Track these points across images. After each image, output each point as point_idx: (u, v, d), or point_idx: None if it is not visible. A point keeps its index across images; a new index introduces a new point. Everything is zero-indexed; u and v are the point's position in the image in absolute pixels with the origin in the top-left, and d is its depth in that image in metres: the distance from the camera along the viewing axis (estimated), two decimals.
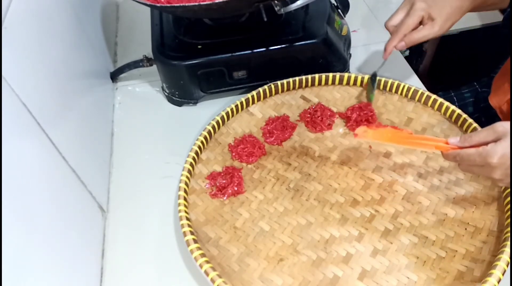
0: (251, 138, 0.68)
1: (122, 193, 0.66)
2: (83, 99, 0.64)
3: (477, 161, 0.50)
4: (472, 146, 0.51)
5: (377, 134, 0.61)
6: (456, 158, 0.53)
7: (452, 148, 0.54)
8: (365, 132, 0.60)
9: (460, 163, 0.53)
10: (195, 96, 0.76)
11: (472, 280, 0.52)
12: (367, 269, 0.55)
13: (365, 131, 0.60)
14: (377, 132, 0.61)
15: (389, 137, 0.60)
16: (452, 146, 0.54)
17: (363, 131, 0.60)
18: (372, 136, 0.60)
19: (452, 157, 0.54)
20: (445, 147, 0.54)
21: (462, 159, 0.52)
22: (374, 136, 0.61)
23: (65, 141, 0.53)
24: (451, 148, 0.54)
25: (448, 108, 0.68)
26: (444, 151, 0.55)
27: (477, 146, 0.51)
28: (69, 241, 0.50)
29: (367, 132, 0.60)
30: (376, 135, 0.60)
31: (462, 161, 0.52)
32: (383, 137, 0.60)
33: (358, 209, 0.60)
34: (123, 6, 0.99)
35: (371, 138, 0.60)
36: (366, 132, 0.60)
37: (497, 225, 0.57)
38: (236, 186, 0.62)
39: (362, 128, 0.61)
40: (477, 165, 0.51)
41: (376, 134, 0.60)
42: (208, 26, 0.75)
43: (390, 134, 0.60)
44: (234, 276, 0.54)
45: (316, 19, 0.74)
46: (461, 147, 0.53)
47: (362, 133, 0.60)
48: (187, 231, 0.55)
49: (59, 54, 0.58)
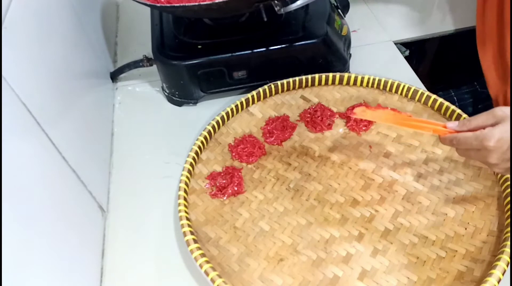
0: (251, 138, 0.68)
1: (122, 193, 0.66)
2: (83, 99, 0.64)
3: (474, 145, 0.49)
4: (470, 130, 0.50)
5: (375, 114, 0.59)
6: (453, 142, 0.52)
7: (450, 132, 0.53)
8: (363, 112, 0.59)
9: (457, 147, 0.53)
10: (195, 96, 0.76)
11: (472, 280, 0.52)
12: (367, 269, 0.55)
13: (363, 110, 0.59)
14: (375, 112, 0.59)
15: (387, 117, 0.59)
16: (450, 130, 0.53)
17: (361, 110, 0.59)
18: (370, 116, 0.59)
19: (449, 141, 0.53)
20: (443, 131, 0.54)
21: (459, 143, 0.51)
22: (372, 116, 0.60)
23: (65, 141, 0.53)
24: (449, 132, 0.53)
25: (448, 108, 0.68)
26: (441, 135, 0.54)
27: (475, 130, 0.50)
28: (69, 241, 0.50)
29: (366, 112, 0.59)
30: (374, 115, 0.59)
31: (459, 145, 0.52)
32: (381, 117, 0.59)
33: (358, 209, 0.60)
34: (123, 6, 0.99)
35: (369, 117, 0.59)
36: (364, 111, 0.59)
37: (497, 225, 0.57)
38: (236, 186, 0.62)
39: (361, 108, 0.59)
40: (474, 149, 0.50)
41: (374, 114, 0.59)
42: (208, 26, 0.75)
43: (389, 115, 0.59)
44: (234, 276, 0.54)
45: (316, 19, 0.74)
46: (458, 131, 0.52)
47: (360, 113, 0.59)
48: (187, 231, 0.55)
49: (59, 54, 0.58)
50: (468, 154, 0.52)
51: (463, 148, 0.52)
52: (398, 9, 0.95)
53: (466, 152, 0.52)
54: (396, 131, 0.68)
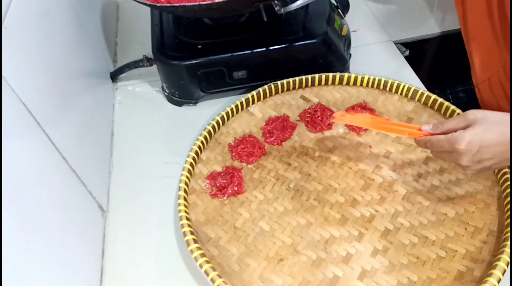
0: (251, 138, 0.68)
1: (122, 193, 0.66)
2: (83, 99, 0.64)
3: (445, 147, 0.51)
4: (443, 133, 0.52)
5: (354, 118, 0.62)
6: (426, 144, 0.54)
7: (425, 134, 0.54)
8: (342, 116, 0.62)
9: (431, 150, 0.54)
10: (195, 96, 0.76)
11: (472, 280, 0.52)
12: (367, 269, 0.55)
13: (342, 115, 0.62)
14: (354, 116, 0.62)
15: (365, 121, 0.61)
16: (424, 133, 0.54)
17: (340, 115, 0.62)
18: (348, 119, 0.62)
19: (423, 143, 0.54)
20: (418, 133, 0.55)
21: (432, 145, 0.53)
22: (350, 120, 0.62)
23: (65, 141, 0.53)
24: (424, 134, 0.54)
25: (448, 108, 0.68)
26: (417, 137, 0.55)
27: (448, 133, 0.51)
28: (69, 241, 0.50)
29: (345, 116, 0.62)
30: (352, 119, 0.62)
31: (433, 147, 0.53)
32: (359, 121, 0.61)
33: (358, 209, 0.60)
34: (123, 6, 0.99)
35: (348, 121, 0.62)
36: (343, 116, 0.62)
37: (497, 225, 0.57)
38: (236, 186, 0.62)
39: (340, 112, 0.63)
40: (446, 151, 0.51)
41: (352, 118, 0.62)
42: (208, 26, 0.75)
43: (366, 119, 0.62)
44: (234, 276, 0.54)
45: (316, 19, 0.74)
46: (432, 134, 0.53)
47: (340, 117, 0.62)
48: (187, 231, 0.55)
49: (59, 54, 0.58)
50: (442, 156, 0.54)
51: (436, 150, 0.53)
52: (398, 9, 0.95)
53: (439, 154, 0.54)
54: None
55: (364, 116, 0.63)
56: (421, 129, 0.55)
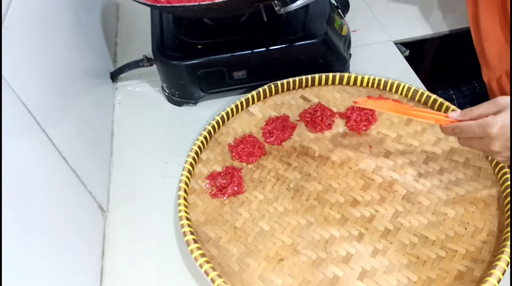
0: (251, 138, 0.68)
1: (122, 193, 0.66)
2: (83, 99, 0.64)
3: (476, 133, 0.49)
4: (472, 119, 0.50)
5: (377, 103, 0.60)
6: (455, 131, 0.52)
7: (452, 121, 0.53)
8: (365, 101, 0.60)
9: (459, 136, 0.52)
10: (195, 96, 0.76)
11: (472, 280, 0.52)
12: (367, 269, 0.55)
13: (365, 100, 0.60)
14: (377, 102, 0.60)
15: (388, 107, 0.59)
16: (451, 120, 0.53)
17: (363, 100, 0.60)
18: (371, 105, 0.60)
19: (451, 130, 0.53)
20: (445, 120, 0.53)
21: (461, 132, 0.51)
22: (374, 105, 0.60)
23: (65, 141, 0.53)
24: (451, 121, 0.53)
25: (448, 108, 0.68)
26: (443, 124, 0.54)
27: (477, 119, 0.50)
28: (69, 241, 0.50)
29: (367, 101, 0.60)
30: (375, 105, 0.60)
31: (461, 134, 0.51)
32: (383, 106, 0.59)
33: (358, 209, 0.60)
34: (123, 6, 0.99)
35: (371, 106, 0.60)
36: (366, 101, 0.60)
37: (497, 225, 0.57)
38: (236, 186, 0.62)
39: (363, 98, 0.60)
40: (476, 137, 0.50)
41: (376, 104, 0.60)
42: (208, 26, 0.75)
43: (390, 104, 0.60)
44: (234, 276, 0.54)
45: (316, 19, 0.74)
46: (461, 121, 0.52)
47: (363, 102, 0.60)
48: (187, 231, 0.55)
49: (59, 54, 0.58)
50: (471, 143, 0.52)
51: (465, 136, 0.52)
52: (398, 9, 0.95)
53: (468, 141, 0.52)
54: (396, 131, 0.68)
55: (387, 102, 0.60)
56: (447, 116, 0.53)
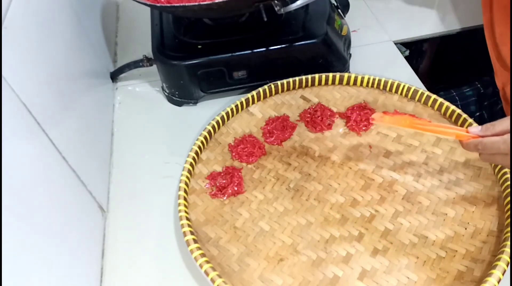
0: (251, 138, 0.68)
1: (122, 193, 0.66)
2: (83, 99, 0.64)
3: (501, 149, 0.48)
4: (494, 135, 0.49)
5: (395, 119, 0.59)
6: (478, 147, 0.51)
7: (473, 137, 0.52)
8: (382, 117, 0.58)
9: (482, 152, 0.51)
10: (195, 96, 0.76)
11: (472, 280, 0.52)
12: (367, 269, 0.55)
13: (382, 116, 0.59)
14: (394, 118, 0.59)
15: (406, 123, 0.58)
16: (472, 135, 0.52)
17: (380, 116, 0.59)
18: (389, 121, 0.59)
19: (473, 146, 0.52)
20: (465, 136, 0.52)
21: (485, 148, 0.50)
22: (391, 121, 0.59)
23: (65, 141, 0.53)
24: (472, 137, 0.52)
25: (448, 108, 0.68)
26: (464, 140, 0.53)
27: (500, 134, 0.49)
28: (69, 241, 0.50)
29: (384, 117, 0.58)
30: (393, 121, 0.59)
31: (485, 150, 0.50)
32: (400, 122, 0.58)
33: (358, 209, 0.60)
34: (123, 6, 0.99)
35: (388, 122, 0.59)
36: (383, 117, 0.59)
37: (497, 225, 0.57)
38: (236, 186, 0.62)
39: (379, 114, 0.59)
40: (501, 154, 0.49)
41: (393, 120, 0.59)
42: (208, 26, 0.75)
43: (409, 120, 0.58)
44: (234, 276, 0.54)
45: (316, 19, 0.74)
46: (482, 136, 0.51)
47: (379, 118, 0.59)
48: (187, 231, 0.55)
49: (59, 54, 0.58)
50: (494, 159, 0.51)
51: (488, 153, 0.50)
52: (398, 9, 0.95)
53: (492, 157, 0.51)
54: (396, 131, 0.68)
55: (405, 118, 0.59)
56: (468, 131, 0.52)
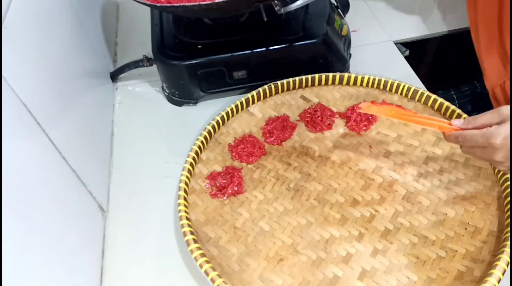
0: (251, 138, 0.68)
1: (122, 193, 0.66)
2: (83, 99, 0.64)
3: (479, 142, 0.49)
4: (475, 128, 0.51)
5: (381, 109, 0.61)
6: (458, 139, 0.52)
7: (455, 129, 0.53)
8: (369, 107, 0.60)
9: (462, 145, 0.53)
10: (195, 96, 0.76)
11: (472, 280, 0.52)
12: (367, 269, 0.55)
13: (369, 106, 0.60)
14: (381, 108, 0.61)
15: (391, 113, 0.59)
16: (455, 128, 0.53)
17: (367, 106, 0.60)
18: (375, 110, 0.60)
19: (454, 138, 0.53)
20: (448, 128, 0.54)
21: (464, 140, 0.51)
22: (378, 111, 0.61)
23: (65, 141, 0.53)
24: (454, 129, 0.53)
25: (448, 108, 0.68)
26: (446, 132, 0.54)
27: (480, 128, 0.50)
28: (69, 241, 0.50)
29: (371, 107, 0.60)
30: (379, 110, 0.60)
31: (465, 142, 0.52)
32: (386, 112, 0.60)
33: (358, 209, 0.60)
34: (123, 6, 0.99)
35: (375, 112, 0.60)
36: (370, 107, 0.60)
37: (497, 225, 0.57)
38: (236, 186, 0.62)
39: (366, 103, 0.61)
40: (479, 147, 0.50)
41: (379, 109, 0.60)
42: (208, 26, 0.75)
43: (394, 111, 0.60)
44: (234, 276, 0.54)
45: (316, 19, 0.74)
46: (464, 129, 0.52)
47: (366, 108, 0.60)
48: (187, 231, 0.55)
49: (59, 54, 0.58)
50: (473, 152, 0.52)
51: (468, 145, 0.52)
52: (398, 9, 0.95)
53: (471, 150, 0.52)
54: (396, 131, 0.68)
55: (391, 108, 0.61)
56: (451, 123, 0.53)
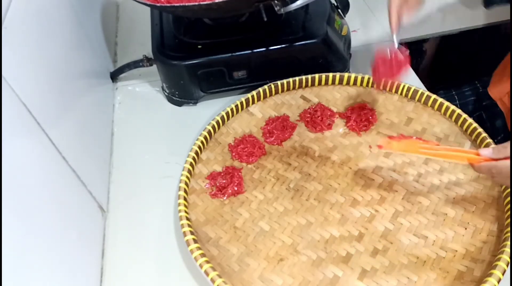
0: (251, 138, 0.68)
1: (122, 193, 0.66)
2: (83, 99, 0.64)
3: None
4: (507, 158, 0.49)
5: (402, 145, 0.58)
6: (492, 171, 0.50)
7: (485, 160, 0.51)
8: (389, 144, 0.58)
9: (496, 176, 0.50)
10: (195, 96, 0.76)
11: (472, 280, 0.52)
12: (367, 269, 0.55)
13: (389, 142, 0.58)
14: (401, 143, 0.58)
15: (414, 148, 0.57)
16: (485, 158, 0.51)
17: (387, 142, 0.58)
18: (397, 147, 0.58)
19: (487, 170, 0.50)
20: (477, 159, 0.52)
21: (500, 172, 0.49)
22: (399, 148, 0.58)
23: (65, 141, 0.53)
24: (484, 159, 0.51)
25: (448, 108, 0.68)
26: (475, 163, 0.52)
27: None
28: (69, 241, 0.50)
29: (392, 143, 0.58)
30: (401, 147, 0.58)
31: (500, 174, 0.49)
32: (408, 148, 0.58)
33: (358, 209, 0.60)
34: (123, 6, 0.99)
35: (396, 149, 0.58)
36: (390, 144, 0.58)
37: (497, 225, 0.57)
38: (236, 186, 0.62)
39: (385, 140, 0.58)
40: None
41: (401, 145, 0.58)
42: (208, 26, 0.75)
43: (416, 145, 0.58)
44: (234, 276, 0.54)
45: (316, 19, 0.74)
46: (495, 159, 0.50)
47: (387, 145, 0.58)
48: (187, 231, 0.55)
49: (59, 54, 0.58)
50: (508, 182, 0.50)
51: (504, 176, 0.49)
52: None
53: (506, 180, 0.50)
54: (396, 131, 0.68)
55: (413, 142, 0.59)
56: (479, 153, 0.51)
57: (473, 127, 0.65)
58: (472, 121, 0.65)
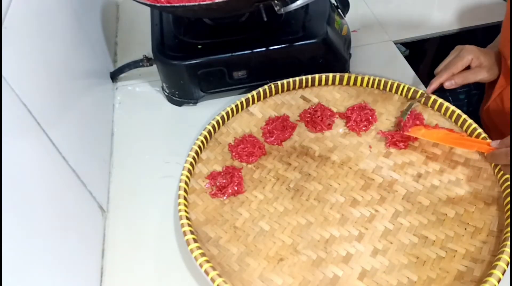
0: (251, 138, 0.68)
1: (122, 193, 0.66)
2: (83, 99, 0.64)
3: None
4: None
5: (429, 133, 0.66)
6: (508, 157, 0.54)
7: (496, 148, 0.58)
8: (418, 130, 0.66)
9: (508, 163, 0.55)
10: (195, 96, 0.76)
11: (472, 280, 0.52)
12: (367, 269, 0.55)
13: (419, 129, 0.66)
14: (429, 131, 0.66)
15: (439, 136, 0.65)
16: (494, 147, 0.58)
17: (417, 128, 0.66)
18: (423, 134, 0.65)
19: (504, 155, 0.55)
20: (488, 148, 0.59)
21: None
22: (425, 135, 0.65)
23: (65, 141, 0.53)
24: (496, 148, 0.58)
25: (448, 108, 0.68)
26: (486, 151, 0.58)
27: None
28: (69, 241, 0.50)
29: (421, 130, 0.66)
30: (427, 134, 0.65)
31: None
32: (433, 136, 0.65)
33: (358, 209, 0.60)
34: (123, 6, 0.99)
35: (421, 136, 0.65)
36: (419, 130, 0.66)
37: (497, 225, 0.57)
38: (236, 186, 0.62)
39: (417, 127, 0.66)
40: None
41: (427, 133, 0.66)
42: (208, 26, 0.75)
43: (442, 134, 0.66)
44: (234, 275, 0.55)
45: (316, 19, 0.74)
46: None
47: (415, 130, 0.66)
48: (187, 230, 0.55)
49: (59, 54, 0.58)
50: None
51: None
52: (398, 9, 0.95)
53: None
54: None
55: (439, 131, 0.66)
56: (489, 143, 0.59)
57: (473, 127, 0.65)
58: (472, 121, 0.65)
